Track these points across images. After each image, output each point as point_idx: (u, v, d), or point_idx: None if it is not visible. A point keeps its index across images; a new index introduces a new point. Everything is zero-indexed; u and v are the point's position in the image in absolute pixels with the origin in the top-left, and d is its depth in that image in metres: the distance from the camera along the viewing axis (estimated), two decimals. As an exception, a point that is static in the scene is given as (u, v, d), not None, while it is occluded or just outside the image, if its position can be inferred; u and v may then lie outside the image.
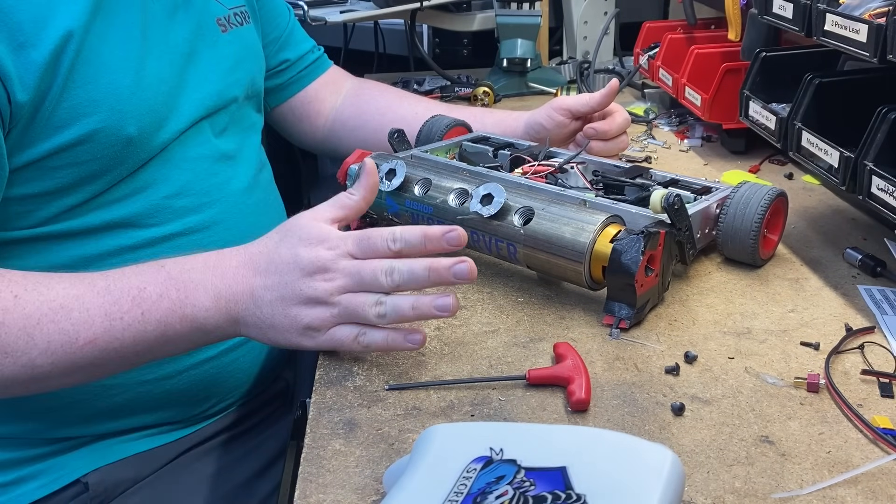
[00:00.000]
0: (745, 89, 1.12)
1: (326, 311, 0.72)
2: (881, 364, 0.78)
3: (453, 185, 0.92)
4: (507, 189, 0.88)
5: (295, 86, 1.19)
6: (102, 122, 0.79)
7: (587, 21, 1.72)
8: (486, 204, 0.87)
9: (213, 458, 0.96)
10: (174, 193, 0.88)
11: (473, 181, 0.93)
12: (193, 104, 0.89)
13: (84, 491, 0.88)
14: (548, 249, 0.85)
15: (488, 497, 0.53)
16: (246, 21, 1.02)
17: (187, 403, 0.93)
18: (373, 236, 0.73)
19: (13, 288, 0.72)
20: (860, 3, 0.88)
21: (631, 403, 0.73)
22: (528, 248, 0.86)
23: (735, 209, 0.91)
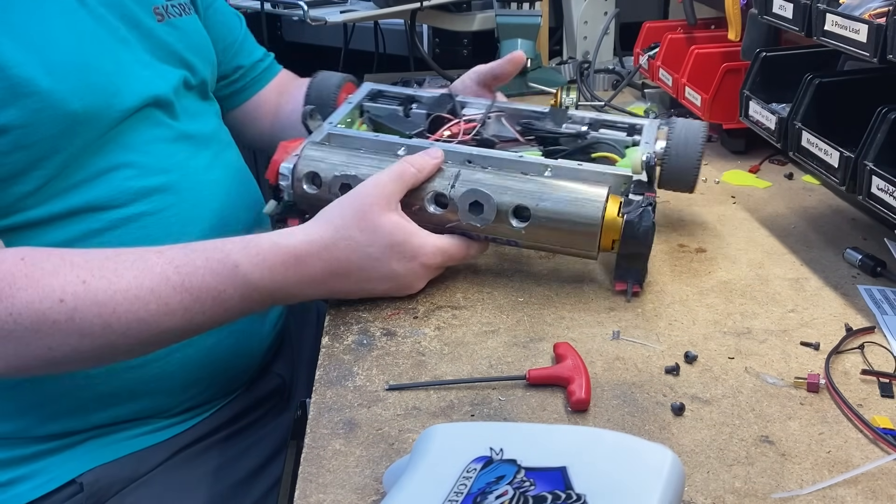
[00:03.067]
0: (745, 89, 1.12)
1: None
2: (881, 364, 0.78)
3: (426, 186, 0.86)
4: (461, 163, 0.87)
5: (247, 91, 1.21)
6: (43, 100, 0.79)
7: (587, 21, 1.72)
8: (477, 213, 0.85)
9: (209, 456, 0.96)
10: (136, 175, 0.88)
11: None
12: (137, 87, 0.89)
13: (79, 491, 0.87)
14: (553, 239, 0.86)
15: (488, 497, 0.53)
16: (186, 12, 1.02)
17: (175, 390, 0.92)
18: (463, 253, 0.87)
19: (79, 273, 0.74)
20: (860, 3, 0.88)
21: (631, 403, 0.73)
22: (530, 242, 0.87)
23: (678, 143, 0.95)
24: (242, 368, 1.00)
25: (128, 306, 0.74)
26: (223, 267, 0.76)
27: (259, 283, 0.77)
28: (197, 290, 0.76)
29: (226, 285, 0.76)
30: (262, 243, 0.78)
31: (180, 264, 0.76)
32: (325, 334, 0.85)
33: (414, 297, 0.90)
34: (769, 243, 1.02)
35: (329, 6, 1.52)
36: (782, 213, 1.10)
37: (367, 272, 0.81)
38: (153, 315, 0.75)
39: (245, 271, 0.77)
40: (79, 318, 0.73)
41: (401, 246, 0.81)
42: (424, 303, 0.89)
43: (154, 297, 0.74)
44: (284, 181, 0.88)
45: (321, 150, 0.90)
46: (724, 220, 1.08)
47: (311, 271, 0.79)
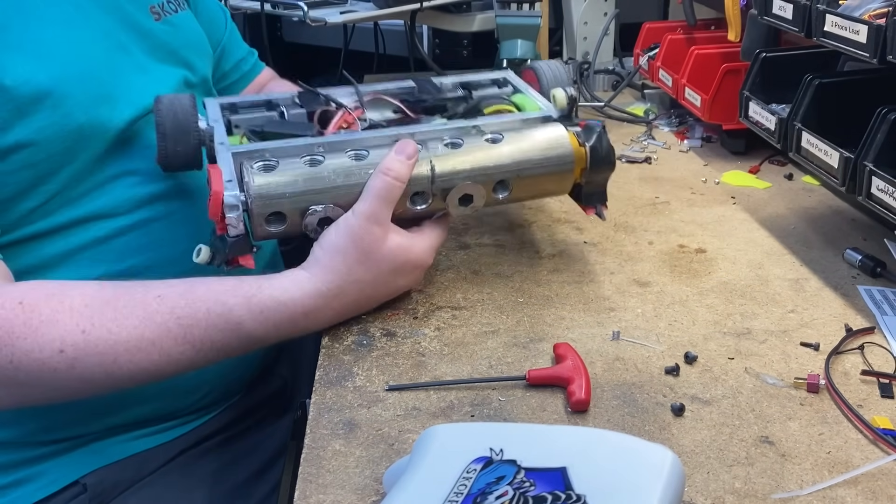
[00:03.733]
0: (745, 90, 1.12)
1: None
2: (881, 364, 0.78)
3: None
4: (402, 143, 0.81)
5: (230, 91, 1.19)
6: (49, 116, 0.78)
7: (587, 22, 1.72)
8: (467, 204, 0.84)
9: (212, 458, 0.96)
10: (140, 182, 0.87)
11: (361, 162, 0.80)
12: (137, 95, 0.88)
13: (83, 492, 0.87)
14: (531, 192, 0.89)
15: (488, 497, 0.53)
16: (181, 8, 1.01)
17: (177, 396, 0.92)
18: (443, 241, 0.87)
19: (78, 321, 0.72)
20: (860, 3, 0.88)
21: (631, 404, 0.73)
22: (509, 201, 0.89)
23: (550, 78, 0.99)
24: (244, 372, 1.00)
25: (129, 357, 0.73)
26: (226, 323, 0.75)
27: (265, 338, 0.77)
28: (199, 342, 0.75)
29: (229, 340, 0.76)
30: (265, 301, 0.75)
31: (182, 315, 0.74)
32: (325, 334, 0.85)
33: (414, 298, 0.90)
34: (769, 244, 1.02)
35: (329, 7, 1.52)
36: (782, 214, 1.10)
37: (374, 298, 0.83)
38: (155, 364, 0.75)
39: (248, 329, 0.76)
40: (80, 368, 0.73)
41: (404, 266, 0.82)
42: (424, 303, 0.89)
43: (156, 348, 0.74)
44: (234, 213, 0.75)
45: (268, 178, 0.77)
46: (724, 220, 1.08)
47: (322, 319, 0.80)
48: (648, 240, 1.03)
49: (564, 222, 1.08)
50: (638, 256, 0.99)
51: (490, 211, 1.12)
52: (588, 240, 1.03)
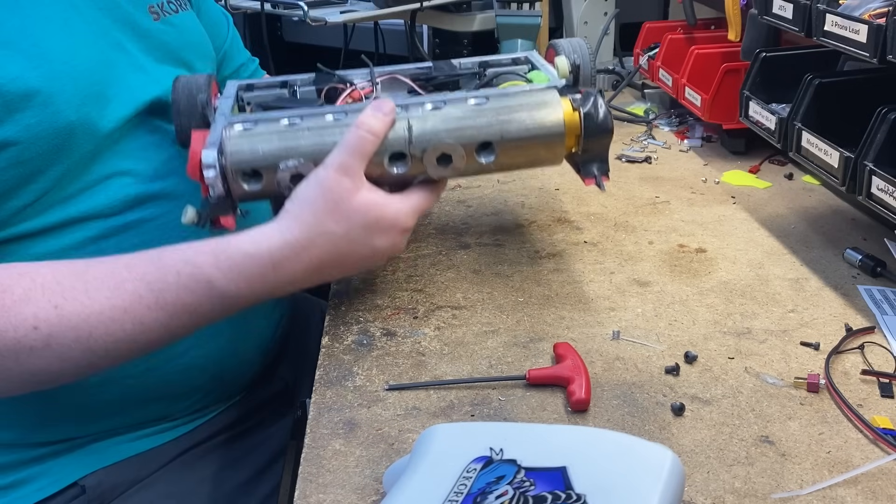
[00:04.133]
0: (745, 89, 1.12)
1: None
2: (881, 364, 0.78)
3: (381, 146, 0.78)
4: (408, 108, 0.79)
5: None
6: (39, 113, 0.77)
7: (587, 21, 1.72)
8: (446, 164, 0.80)
9: (212, 458, 0.96)
10: (133, 182, 0.87)
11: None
12: (131, 94, 0.87)
13: (81, 493, 0.87)
14: (520, 160, 0.84)
15: (488, 497, 0.53)
16: (182, 8, 1.00)
17: (177, 396, 0.92)
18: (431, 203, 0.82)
19: (50, 297, 0.72)
20: (860, 3, 0.88)
21: (631, 403, 0.73)
22: (498, 169, 0.84)
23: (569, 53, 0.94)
24: (245, 373, 1.00)
25: (104, 329, 0.73)
26: (196, 283, 0.74)
27: (237, 296, 0.75)
28: (172, 307, 0.74)
29: (201, 301, 0.74)
30: (234, 255, 0.75)
31: (152, 281, 0.74)
32: (325, 334, 0.85)
33: (414, 298, 0.91)
34: (769, 243, 1.02)
35: (329, 6, 1.52)
36: (782, 214, 1.10)
37: (349, 258, 0.78)
38: (130, 334, 0.73)
39: (220, 287, 0.74)
40: (56, 344, 0.72)
41: (378, 223, 0.78)
42: (424, 303, 0.90)
43: (129, 317, 0.73)
44: (211, 172, 0.77)
45: (246, 137, 0.78)
46: (724, 220, 1.08)
47: (292, 273, 0.76)
48: (648, 239, 1.03)
49: (564, 222, 1.08)
50: (638, 256, 0.99)
51: (490, 210, 1.12)
52: (588, 240, 1.03)
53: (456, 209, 1.13)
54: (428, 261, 0.99)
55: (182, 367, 0.90)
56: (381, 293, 0.92)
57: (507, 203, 1.14)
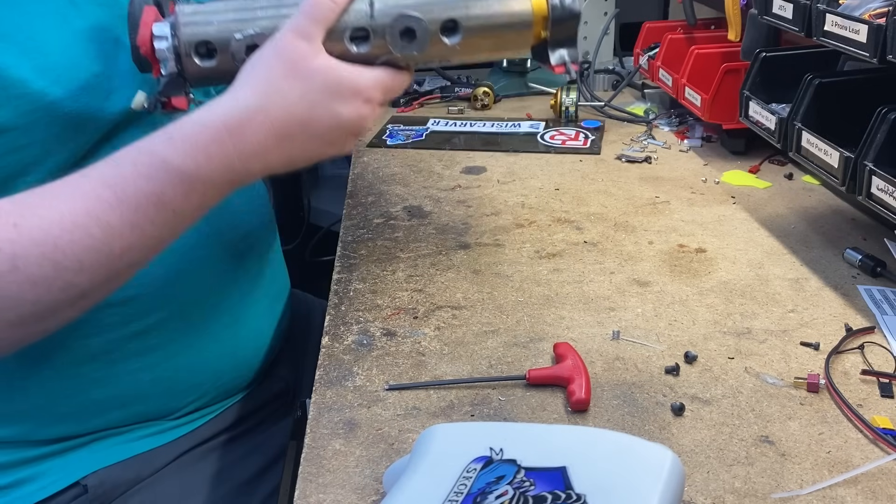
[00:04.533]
0: (745, 89, 1.12)
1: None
2: (881, 364, 0.78)
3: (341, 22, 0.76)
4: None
5: None
6: (35, 101, 0.76)
7: (587, 21, 1.72)
8: (410, 40, 0.76)
9: (213, 458, 0.96)
10: None
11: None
12: (131, 88, 0.86)
13: (83, 493, 0.87)
14: (487, 45, 0.80)
15: (488, 497, 0.53)
16: None
17: (176, 393, 0.92)
18: (398, 86, 0.77)
19: (8, 217, 0.68)
20: (860, 3, 0.88)
21: (631, 403, 0.73)
22: (464, 56, 0.81)
23: None
24: (245, 371, 1.00)
25: (69, 237, 0.68)
26: (152, 168, 0.69)
27: (197, 173, 0.70)
28: (134, 199, 0.69)
29: (164, 187, 0.69)
30: (186, 127, 0.70)
31: (109, 177, 0.70)
32: (325, 334, 0.85)
33: (414, 298, 0.91)
34: (769, 243, 1.02)
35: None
36: (782, 213, 1.10)
37: (311, 126, 0.73)
38: (100, 240, 0.69)
39: (177, 164, 0.69)
40: (22, 265, 0.68)
41: (338, 86, 0.73)
42: (424, 303, 0.90)
43: (94, 220, 0.68)
44: (163, 44, 0.74)
45: (200, 12, 0.76)
46: (724, 220, 1.08)
47: (251, 142, 0.71)
48: (648, 239, 1.03)
49: (564, 222, 1.08)
50: (638, 256, 0.99)
51: (490, 210, 1.12)
52: (588, 240, 1.03)
53: (456, 209, 1.13)
54: (428, 261, 0.99)
55: (180, 365, 0.90)
56: (381, 293, 0.92)
57: (507, 203, 1.14)
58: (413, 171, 1.27)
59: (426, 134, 1.43)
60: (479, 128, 1.46)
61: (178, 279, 0.87)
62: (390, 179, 1.24)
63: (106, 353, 0.85)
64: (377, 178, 1.25)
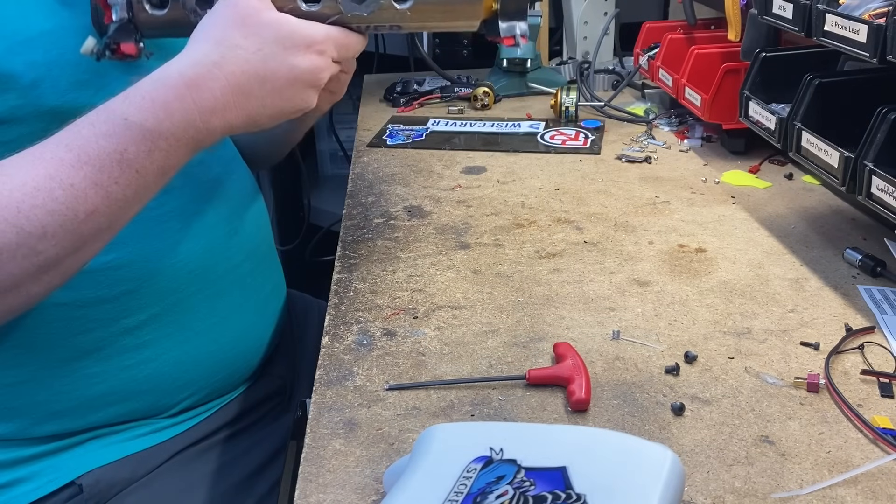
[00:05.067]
0: (745, 89, 1.12)
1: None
2: (881, 364, 0.78)
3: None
4: None
5: None
6: (24, 95, 0.76)
7: (587, 21, 1.72)
8: (359, 0, 0.77)
9: (209, 457, 0.96)
10: None
11: None
12: (121, 81, 0.86)
13: (79, 493, 0.87)
14: (437, 15, 0.80)
15: (488, 497, 0.53)
16: None
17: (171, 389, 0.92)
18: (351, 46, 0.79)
19: None
20: (860, 3, 0.88)
21: (631, 403, 0.73)
22: (415, 23, 0.80)
23: None
24: (240, 368, 1.00)
25: (31, 201, 0.67)
26: (112, 126, 0.69)
27: (158, 129, 0.70)
28: (97, 159, 0.69)
29: (125, 144, 0.69)
30: (144, 85, 0.71)
31: (69, 140, 0.70)
32: (325, 334, 0.85)
33: (414, 298, 0.91)
34: (769, 243, 1.02)
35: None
36: (782, 213, 1.10)
37: (269, 79, 0.74)
38: (63, 203, 0.68)
39: (137, 121, 0.70)
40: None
41: (291, 37, 0.74)
42: (424, 303, 0.90)
43: (56, 182, 0.68)
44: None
45: None
46: (724, 220, 1.08)
47: (210, 96, 0.72)
48: (648, 239, 1.03)
49: (564, 222, 1.08)
50: (638, 256, 0.99)
51: (490, 210, 1.12)
52: (588, 240, 1.03)
53: (456, 209, 1.13)
54: (428, 261, 0.99)
55: (174, 361, 0.90)
56: (381, 293, 0.92)
57: (507, 203, 1.14)
58: (413, 171, 1.27)
59: (426, 134, 1.43)
60: (479, 128, 1.46)
61: (171, 275, 0.87)
62: (390, 179, 1.24)
63: (99, 349, 0.85)
64: (377, 178, 1.25)
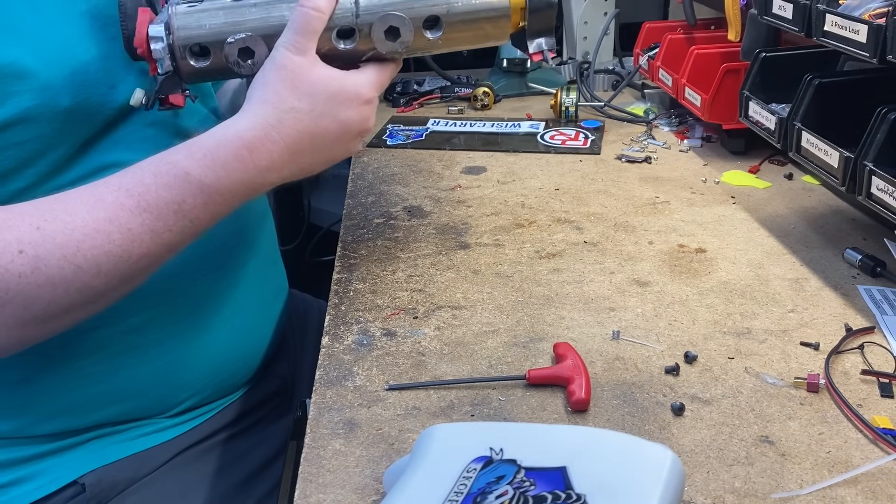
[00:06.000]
0: (745, 89, 1.12)
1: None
2: (881, 364, 0.78)
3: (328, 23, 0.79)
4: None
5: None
6: (37, 97, 0.78)
7: (587, 21, 1.72)
8: (394, 38, 0.80)
9: (211, 457, 0.96)
10: None
11: None
12: (131, 84, 0.87)
13: (81, 492, 0.87)
14: (467, 38, 0.83)
15: (488, 497, 0.53)
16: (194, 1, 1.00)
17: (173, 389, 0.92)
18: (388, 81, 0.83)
19: (31, 220, 0.71)
20: (860, 3, 0.88)
21: (631, 403, 0.73)
22: (445, 48, 0.84)
23: None
24: (241, 368, 1.00)
25: (91, 242, 0.71)
26: (174, 178, 0.73)
27: (216, 185, 0.74)
28: (155, 207, 0.73)
29: (183, 196, 0.73)
30: (206, 143, 0.75)
31: (130, 187, 0.73)
32: (325, 334, 0.85)
33: (414, 298, 0.91)
34: (769, 243, 1.02)
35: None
36: (782, 214, 1.10)
37: (322, 135, 0.79)
38: (119, 245, 0.72)
39: (198, 176, 0.73)
40: (44, 266, 0.70)
41: (340, 94, 0.79)
42: (424, 303, 0.90)
43: (114, 226, 0.72)
44: (159, 44, 0.78)
45: (192, 14, 0.80)
46: (724, 220, 1.08)
47: (267, 157, 0.76)
48: (648, 239, 1.03)
49: (564, 222, 1.08)
50: (638, 256, 0.99)
51: (490, 210, 1.12)
52: (588, 240, 1.03)
53: (456, 209, 1.13)
54: (428, 261, 0.99)
55: (178, 360, 0.90)
56: (381, 293, 0.92)
57: (507, 203, 1.14)
58: (413, 171, 1.27)
59: (426, 134, 1.43)
60: (479, 128, 1.46)
61: (176, 274, 0.87)
62: (390, 179, 1.24)
63: (103, 348, 0.85)
64: (377, 178, 1.25)
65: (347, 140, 0.81)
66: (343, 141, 0.80)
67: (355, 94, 0.79)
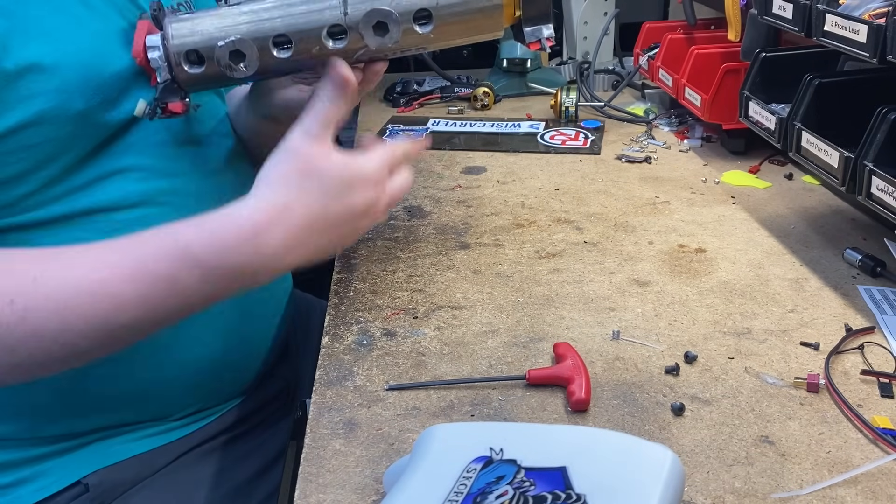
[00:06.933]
0: (745, 89, 1.12)
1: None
2: (881, 364, 0.78)
3: (311, 26, 0.79)
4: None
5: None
6: (49, 101, 0.78)
7: (587, 21, 1.72)
8: (382, 33, 0.79)
9: (213, 458, 0.96)
10: (143, 178, 0.87)
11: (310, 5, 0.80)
12: (142, 90, 0.88)
13: (84, 492, 0.88)
14: (460, 31, 0.82)
15: (488, 497, 0.53)
16: (191, 11, 1.01)
17: (175, 394, 0.92)
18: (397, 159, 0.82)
19: (29, 269, 0.71)
20: (860, 3, 0.88)
21: (631, 403, 0.73)
22: (439, 43, 0.83)
23: None
24: (245, 373, 1.00)
25: (81, 300, 0.71)
26: (174, 249, 0.72)
27: (215, 265, 0.73)
28: (150, 277, 0.72)
29: (178, 270, 0.72)
30: (213, 220, 0.74)
31: (131, 251, 0.73)
32: (325, 334, 0.85)
33: (414, 298, 0.91)
34: (769, 243, 1.02)
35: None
36: (782, 214, 1.10)
37: (330, 221, 0.77)
38: (107, 311, 0.72)
39: (196, 253, 0.72)
40: (32, 318, 0.70)
41: (350, 180, 0.78)
42: (424, 303, 0.90)
43: (106, 290, 0.71)
44: (155, 53, 0.80)
45: (185, 22, 0.81)
46: (724, 220, 1.08)
47: (273, 243, 0.74)
48: (648, 240, 1.03)
49: (564, 222, 1.08)
50: (638, 256, 0.99)
51: (490, 210, 1.12)
52: (588, 240, 1.03)
53: (456, 209, 1.13)
54: (428, 261, 0.99)
55: (180, 366, 0.90)
56: (381, 293, 0.92)
57: (507, 203, 1.15)
58: (413, 171, 1.27)
59: (426, 134, 1.43)
60: (479, 128, 1.46)
61: None
62: (390, 179, 1.24)
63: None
64: (377, 178, 1.25)
65: (355, 223, 0.79)
66: (351, 225, 0.79)
67: (368, 176, 0.78)
